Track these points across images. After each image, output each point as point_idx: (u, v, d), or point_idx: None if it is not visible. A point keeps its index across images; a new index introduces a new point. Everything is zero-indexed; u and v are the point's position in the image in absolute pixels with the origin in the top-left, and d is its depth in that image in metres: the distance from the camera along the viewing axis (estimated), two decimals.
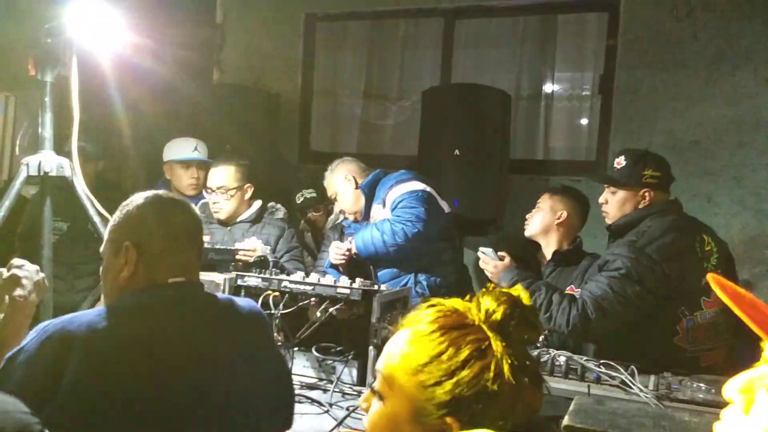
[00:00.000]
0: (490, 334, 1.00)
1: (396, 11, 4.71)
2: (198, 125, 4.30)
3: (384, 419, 1.04)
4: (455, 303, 1.06)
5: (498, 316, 1.00)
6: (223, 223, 3.30)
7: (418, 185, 3.00)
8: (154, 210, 1.50)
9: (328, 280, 2.40)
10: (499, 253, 2.64)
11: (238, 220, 3.30)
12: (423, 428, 0.99)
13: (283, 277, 2.46)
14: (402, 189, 3.00)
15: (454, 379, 0.97)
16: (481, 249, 2.70)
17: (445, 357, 0.99)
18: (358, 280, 2.41)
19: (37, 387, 1.29)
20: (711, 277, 0.82)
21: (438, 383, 0.98)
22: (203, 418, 1.40)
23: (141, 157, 4.27)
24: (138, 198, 1.53)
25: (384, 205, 3.04)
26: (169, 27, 4.55)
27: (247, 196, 3.31)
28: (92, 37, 2.34)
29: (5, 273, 1.65)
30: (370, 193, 3.14)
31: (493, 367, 0.97)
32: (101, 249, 1.57)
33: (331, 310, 2.29)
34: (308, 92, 4.94)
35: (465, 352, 0.98)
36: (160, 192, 1.60)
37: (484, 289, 1.07)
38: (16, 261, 1.69)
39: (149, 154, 4.15)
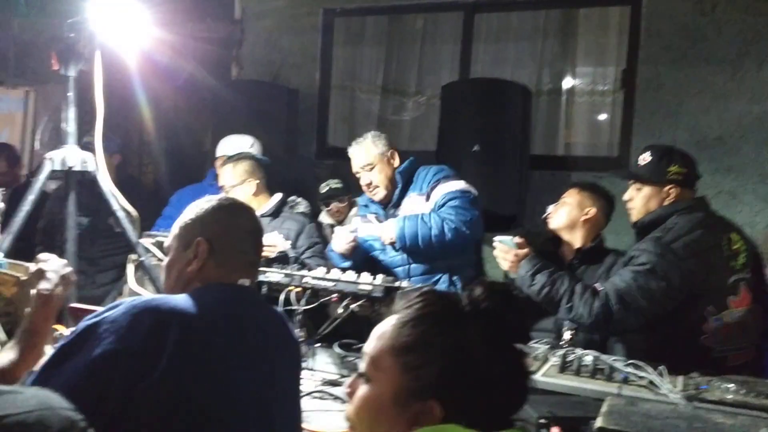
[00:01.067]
0: (471, 323, 1.02)
1: (414, 5, 4.68)
2: (217, 120, 4.31)
3: (368, 401, 1.05)
4: (448, 293, 1.11)
5: (483, 304, 1.03)
6: None
7: (467, 186, 2.97)
8: (227, 212, 1.59)
9: (350, 275, 2.39)
10: (516, 240, 2.53)
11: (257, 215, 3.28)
12: (406, 411, 1.01)
13: (304, 272, 2.45)
14: (452, 187, 2.93)
15: (438, 365, 1.00)
16: (498, 238, 2.58)
17: (428, 342, 1.01)
18: (379, 276, 2.39)
19: (134, 359, 1.28)
20: None
21: (421, 366, 1.00)
22: (255, 417, 1.43)
23: (163, 152, 4.28)
24: (211, 199, 1.60)
25: (428, 199, 2.96)
26: (188, 23, 4.58)
27: (251, 191, 3.24)
28: (114, 32, 2.35)
29: (32, 267, 1.66)
30: (406, 180, 3.07)
31: (471, 356, 1.00)
32: (165, 244, 1.61)
33: (352, 306, 2.28)
34: (326, 87, 4.93)
35: (447, 340, 1.01)
36: (230, 197, 1.66)
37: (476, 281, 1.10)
38: (42, 255, 1.70)
39: (170, 149, 4.16)
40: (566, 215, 2.81)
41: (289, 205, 3.39)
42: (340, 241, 2.97)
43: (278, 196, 3.32)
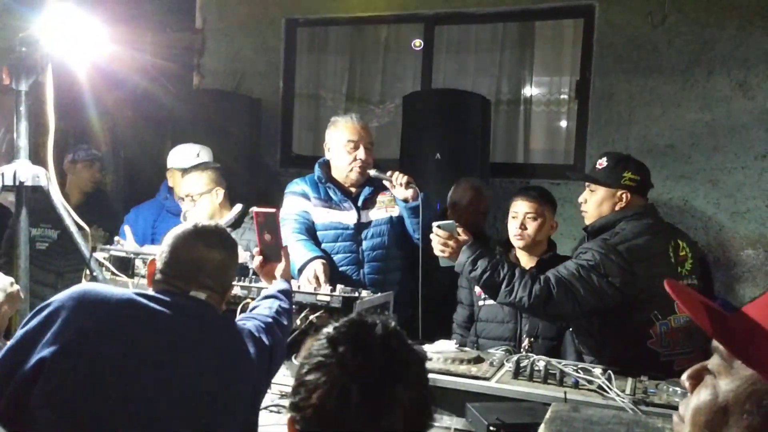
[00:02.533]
0: None
1: (377, 17, 4.73)
2: (178, 131, 4.29)
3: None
4: None
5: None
6: None
7: None
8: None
9: (308, 287, 2.40)
10: (457, 225, 2.42)
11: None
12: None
13: (261, 284, 2.45)
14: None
15: None
16: (437, 223, 2.41)
17: None
18: (339, 286, 2.41)
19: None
20: (666, 283, 0.85)
21: None
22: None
23: (123, 163, 4.25)
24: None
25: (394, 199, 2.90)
26: (148, 32, 4.54)
27: (218, 200, 3.20)
28: (68, 45, 2.33)
29: None
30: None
31: None
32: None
33: (311, 317, 2.29)
34: (290, 96, 4.94)
35: None
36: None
37: None
38: None
39: (129, 160, 4.13)
40: (540, 231, 2.79)
41: (249, 215, 3.38)
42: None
43: (238, 206, 3.30)
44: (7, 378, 1.43)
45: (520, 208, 2.82)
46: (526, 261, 2.82)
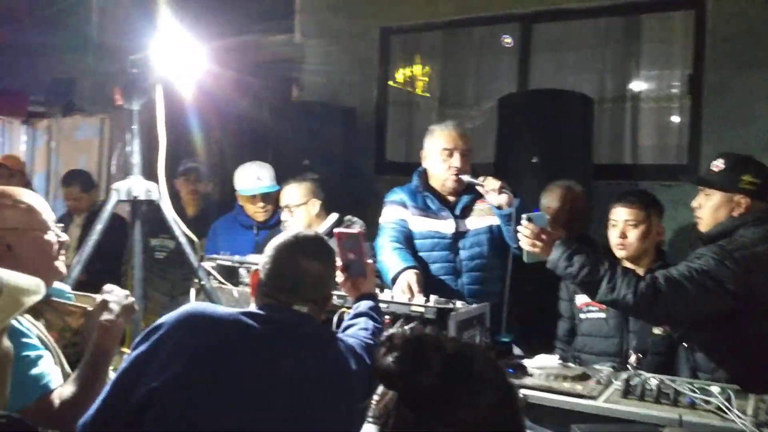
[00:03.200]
0: None
1: (470, 19, 4.67)
2: (278, 143, 4.43)
3: None
4: None
5: None
6: None
7: None
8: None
9: (402, 298, 2.38)
10: (548, 218, 2.32)
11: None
12: None
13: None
14: None
15: None
16: (527, 215, 2.32)
17: None
18: (432, 297, 2.38)
19: None
20: None
21: None
22: None
23: (229, 176, 4.43)
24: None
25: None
26: (249, 48, 4.72)
27: (314, 211, 3.30)
28: (177, 65, 2.45)
29: (98, 299, 1.75)
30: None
31: None
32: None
33: (405, 329, 2.27)
34: (384, 104, 4.98)
35: None
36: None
37: None
38: (106, 287, 1.79)
39: (233, 172, 4.30)
40: (644, 241, 2.63)
41: (345, 224, 3.43)
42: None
43: (334, 216, 3.37)
44: (119, 402, 1.47)
45: (620, 216, 2.67)
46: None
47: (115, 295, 1.76)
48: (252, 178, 3.61)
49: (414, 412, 0.94)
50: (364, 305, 2.07)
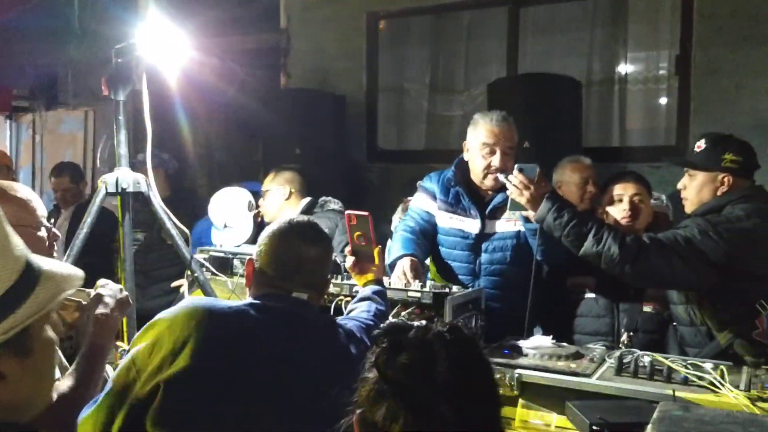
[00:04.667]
0: None
1: (458, 3, 4.64)
2: (267, 131, 4.40)
3: None
4: None
5: None
6: None
7: None
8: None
9: (399, 284, 2.38)
10: (538, 171, 2.30)
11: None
12: None
13: (353, 281, 2.46)
14: None
15: None
16: (520, 166, 2.31)
17: None
18: (429, 282, 2.38)
19: None
20: None
21: None
22: None
23: (216, 164, 4.41)
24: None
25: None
26: (234, 36, 4.67)
27: (284, 196, 3.34)
28: (161, 54, 2.41)
29: (92, 293, 1.74)
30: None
31: None
32: None
33: (402, 314, 2.28)
34: (374, 90, 4.95)
35: None
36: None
37: None
38: (101, 281, 1.78)
39: (223, 164, 4.28)
40: (645, 217, 2.67)
41: (320, 204, 3.41)
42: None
43: (307, 199, 3.38)
44: (120, 397, 1.45)
45: (626, 190, 2.67)
46: None
47: (109, 289, 1.75)
48: (219, 223, 3.49)
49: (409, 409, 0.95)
50: (369, 289, 2.07)
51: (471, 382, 0.97)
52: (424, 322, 1.04)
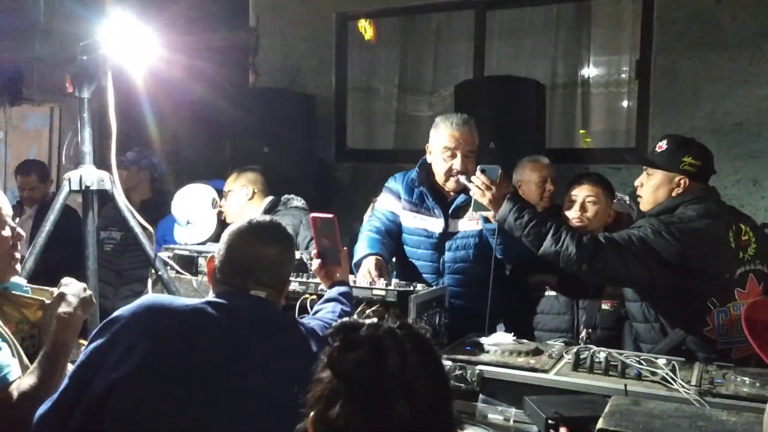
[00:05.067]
0: None
1: (427, 5, 4.70)
2: (235, 129, 4.39)
3: None
4: None
5: None
6: None
7: None
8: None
9: (364, 282, 2.41)
10: (500, 173, 2.36)
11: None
12: None
13: (319, 280, 2.48)
14: None
15: None
16: (483, 167, 2.35)
17: None
18: (394, 281, 2.41)
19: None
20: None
21: None
22: None
23: (185, 164, 4.38)
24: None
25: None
26: (203, 33, 4.65)
27: (247, 196, 3.33)
28: (127, 51, 2.40)
29: (55, 291, 1.73)
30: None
31: None
32: None
33: (367, 312, 2.31)
34: (343, 90, 4.98)
35: None
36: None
37: None
38: (64, 279, 1.77)
39: (191, 162, 4.25)
40: (598, 218, 2.73)
41: (282, 202, 3.42)
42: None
43: (269, 198, 3.38)
44: (77, 394, 1.44)
45: (580, 192, 2.75)
46: None
47: (72, 287, 1.75)
48: (182, 221, 3.49)
49: (360, 407, 0.97)
50: (335, 291, 2.08)
51: (422, 377, 0.99)
52: (375, 320, 1.06)
